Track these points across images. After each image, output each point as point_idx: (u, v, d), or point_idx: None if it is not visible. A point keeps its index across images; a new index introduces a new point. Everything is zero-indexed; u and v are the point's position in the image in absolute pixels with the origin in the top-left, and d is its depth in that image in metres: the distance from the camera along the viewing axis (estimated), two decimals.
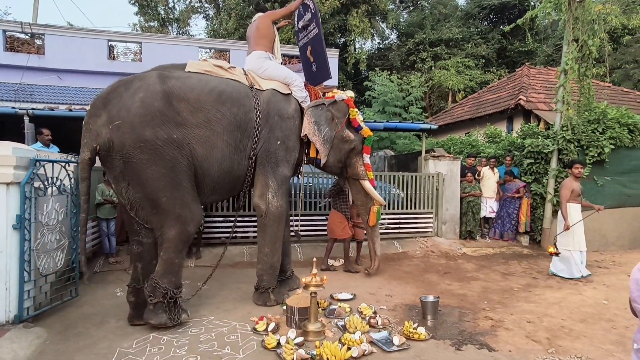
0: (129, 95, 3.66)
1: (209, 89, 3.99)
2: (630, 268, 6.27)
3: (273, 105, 4.41)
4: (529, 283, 5.48)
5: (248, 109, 4.21)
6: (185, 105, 3.81)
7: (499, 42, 20.67)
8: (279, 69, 4.70)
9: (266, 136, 4.34)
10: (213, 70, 4.25)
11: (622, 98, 12.22)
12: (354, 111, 5.00)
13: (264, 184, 4.37)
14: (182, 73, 4.06)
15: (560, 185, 6.09)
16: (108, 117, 3.59)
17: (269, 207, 4.34)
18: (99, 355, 3.22)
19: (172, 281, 3.76)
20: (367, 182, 5.18)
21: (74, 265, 4.40)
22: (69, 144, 7.13)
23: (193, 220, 3.84)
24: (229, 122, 4.04)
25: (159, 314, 3.68)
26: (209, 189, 4.11)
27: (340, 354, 3.12)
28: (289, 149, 4.54)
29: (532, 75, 12.91)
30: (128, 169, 3.60)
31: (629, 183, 7.54)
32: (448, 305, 4.48)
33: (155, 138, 3.59)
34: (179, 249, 3.80)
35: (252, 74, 4.55)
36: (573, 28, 7.26)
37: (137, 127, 3.56)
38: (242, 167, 4.28)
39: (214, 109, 3.95)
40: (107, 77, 12.75)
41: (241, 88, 4.28)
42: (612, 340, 3.66)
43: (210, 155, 3.95)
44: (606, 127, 7.29)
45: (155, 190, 3.64)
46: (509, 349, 3.45)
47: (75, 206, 4.45)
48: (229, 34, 19.98)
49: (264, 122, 4.31)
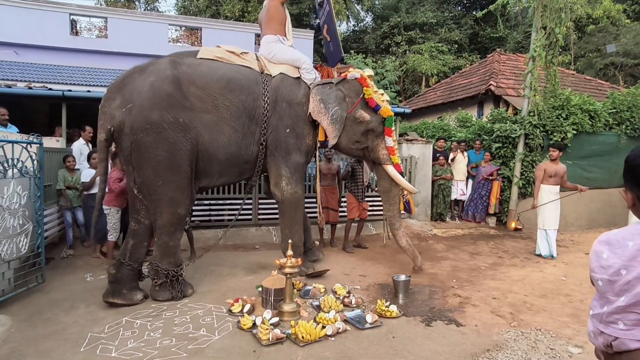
0: (141, 80, 3.83)
1: (218, 76, 4.07)
2: (586, 247, 6.69)
3: (282, 91, 4.39)
4: (495, 262, 5.75)
5: (256, 96, 4.24)
6: (194, 90, 3.93)
7: (471, 27, 20.98)
8: (288, 52, 4.60)
9: (275, 124, 4.36)
10: (225, 56, 4.30)
11: (585, 85, 12.74)
12: (369, 90, 4.63)
13: (277, 174, 4.47)
14: (194, 60, 4.13)
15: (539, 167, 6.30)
16: (122, 101, 3.77)
17: (284, 194, 4.48)
18: (69, 340, 3.15)
19: (171, 262, 3.96)
20: (391, 167, 4.82)
21: (39, 250, 4.24)
22: (29, 124, 6.77)
23: (184, 203, 3.98)
24: (237, 109, 4.13)
25: (164, 292, 3.94)
26: (216, 172, 4.22)
27: (315, 332, 3.19)
28: (299, 136, 4.51)
29: (503, 62, 13.21)
30: (134, 150, 3.77)
31: (588, 167, 7.95)
32: (419, 284, 4.64)
33: (161, 121, 3.73)
34: (171, 232, 3.96)
35: (263, 59, 4.55)
36: (542, 16, 7.45)
37: (146, 109, 3.71)
38: (251, 153, 4.34)
39: (222, 96, 4.05)
40: (70, 53, 12.06)
41: (251, 75, 4.30)
42: (569, 313, 3.92)
43: (217, 140, 4.05)
44: (569, 113, 7.61)
45: (154, 173, 3.78)
46: (475, 324, 3.64)
47: (39, 189, 4.26)
48: (200, 11, 19.28)
49: (272, 109, 4.33)
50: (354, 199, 6.16)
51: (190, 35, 14.36)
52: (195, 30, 14.13)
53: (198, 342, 3.16)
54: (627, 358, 1.15)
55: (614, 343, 1.19)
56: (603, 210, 8.15)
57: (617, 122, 8.01)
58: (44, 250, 4.36)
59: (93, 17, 13.50)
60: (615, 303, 1.16)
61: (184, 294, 4.03)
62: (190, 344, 3.12)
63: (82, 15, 13.30)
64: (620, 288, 1.15)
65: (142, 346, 3.07)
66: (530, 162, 7.75)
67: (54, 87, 7.98)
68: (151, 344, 3.12)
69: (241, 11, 17.91)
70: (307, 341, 3.13)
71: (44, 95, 7.07)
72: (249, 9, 17.84)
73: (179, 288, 3.99)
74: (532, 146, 7.74)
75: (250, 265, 5.26)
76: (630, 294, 1.12)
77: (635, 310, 1.12)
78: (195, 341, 3.17)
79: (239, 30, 13.60)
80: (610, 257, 1.17)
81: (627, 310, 1.14)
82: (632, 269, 1.12)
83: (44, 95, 7.07)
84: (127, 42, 12.43)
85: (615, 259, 1.15)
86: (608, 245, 1.20)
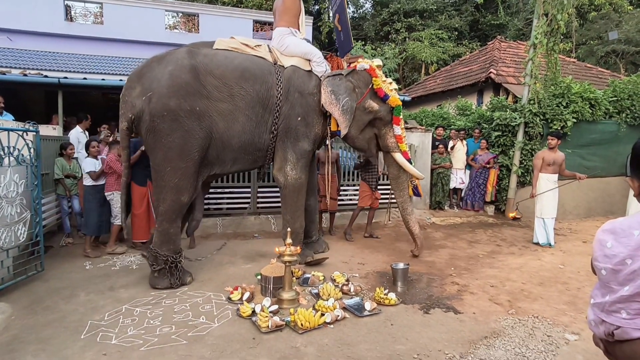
0: (160, 69, 3.98)
1: (233, 66, 4.18)
2: (585, 235, 6.72)
3: (294, 82, 4.48)
4: (493, 250, 5.77)
5: (270, 86, 4.34)
6: (210, 79, 4.04)
7: (471, 14, 20.71)
8: (299, 45, 4.66)
9: (287, 112, 4.46)
10: (240, 47, 4.41)
11: (585, 73, 12.66)
12: (377, 80, 4.69)
13: (283, 158, 4.55)
14: (210, 50, 4.26)
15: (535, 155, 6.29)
16: (142, 89, 3.94)
17: (287, 179, 4.55)
18: (69, 328, 3.17)
19: (171, 248, 4.06)
20: (399, 154, 4.92)
21: (37, 238, 4.23)
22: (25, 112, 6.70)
23: (188, 191, 4.07)
24: (251, 98, 4.24)
25: (163, 279, 4.03)
26: (229, 159, 4.36)
27: (314, 319, 3.21)
28: (309, 124, 4.60)
29: (503, 49, 13.09)
30: (149, 136, 3.95)
31: (587, 155, 7.94)
32: (417, 272, 4.67)
33: (178, 108, 3.87)
34: (172, 219, 4.07)
35: (276, 51, 4.63)
36: (543, 2, 7.34)
37: (164, 97, 3.86)
38: (264, 141, 4.46)
39: (238, 85, 4.16)
40: (65, 40, 11.90)
41: (265, 65, 4.40)
42: (565, 301, 3.95)
43: (231, 128, 4.18)
44: (570, 102, 7.56)
45: (164, 159, 3.93)
46: (473, 311, 3.66)
47: (36, 178, 4.24)
48: None
49: (285, 98, 4.43)
50: (368, 187, 6.19)
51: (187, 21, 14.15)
52: (193, 17, 13.93)
53: (198, 329, 3.18)
54: (629, 346, 1.14)
55: (616, 332, 1.18)
56: (601, 199, 8.16)
57: (618, 110, 7.97)
58: (43, 238, 4.35)
59: (88, 2, 13.27)
60: (619, 292, 1.15)
61: (183, 282, 4.09)
62: (190, 332, 3.14)
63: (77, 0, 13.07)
64: (624, 277, 1.14)
65: (142, 333, 3.09)
66: (529, 150, 7.73)
67: (49, 74, 7.88)
68: (151, 331, 3.14)
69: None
70: (306, 328, 3.15)
71: (39, 82, 6.99)
72: None
73: (177, 275, 4.06)
74: (531, 134, 7.71)
75: (249, 253, 5.27)
76: (635, 283, 1.11)
77: (639, 299, 1.12)
78: (195, 328, 3.19)
79: (237, 17, 13.41)
80: (615, 246, 1.16)
81: (631, 300, 1.13)
82: (637, 259, 1.10)
83: (40, 82, 6.99)
84: (124, 28, 12.24)
85: (621, 248, 1.14)
86: (613, 234, 1.18)
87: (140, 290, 3.97)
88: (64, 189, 5.43)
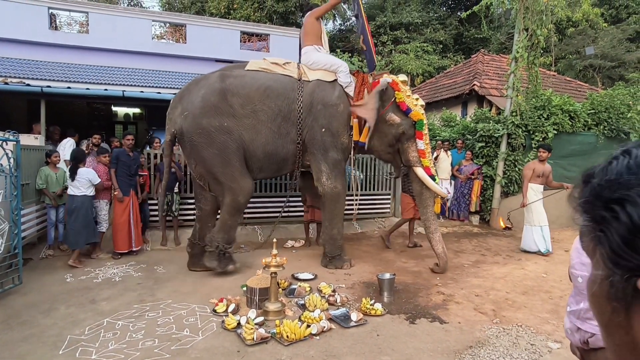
0: (195, 92, 4.67)
1: (257, 85, 4.71)
2: (567, 244, 6.84)
3: (317, 94, 4.84)
4: (478, 259, 5.84)
5: (292, 100, 4.78)
6: (237, 99, 4.62)
7: (456, 28, 21.21)
8: (324, 58, 5.06)
9: (310, 124, 4.83)
10: (269, 67, 4.94)
11: (565, 86, 13.03)
12: (400, 94, 4.88)
13: (318, 169, 4.94)
14: (240, 72, 4.84)
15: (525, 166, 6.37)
16: (181, 109, 4.66)
17: (325, 188, 4.93)
18: (47, 343, 3.07)
19: (224, 237, 4.70)
20: (420, 169, 4.97)
21: (16, 251, 4.12)
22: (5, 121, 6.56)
23: (242, 192, 4.68)
24: (273, 112, 4.71)
25: (212, 260, 4.67)
26: (256, 167, 4.87)
27: (299, 331, 3.18)
28: (334, 134, 4.89)
29: (486, 62, 13.40)
30: (193, 149, 4.65)
31: (569, 166, 8.13)
32: (403, 282, 4.68)
33: (209, 126, 4.52)
34: (231, 213, 4.72)
35: (303, 67, 5.07)
36: (524, 17, 7.58)
37: (197, 117, 4.54)
38: (288, 151, 4.89)
39: (260, 102, 4.67)
40: (49, 48, 11.74)
41: (288, 82, 4.85)
42: (548, 309, 4.01)
43: (256, 140, 4.70)
44: (550, 114, 7.78)
45: (212, 166, 4.60)
46: (458, 320, 3.68)
47: (16, 188, 4.14)
48: (185, 7, 19.00)
49: (307, 111, 4.81)
50: (411, 199, 6.09)
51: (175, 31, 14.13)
52: (180, 27, 13.91)
53: (181, 342, 3.12)
54: (603, 354, 1.17)
55: (590, 340, 1.20)
56: None
57: (596, 122, 8.21)
58: (21, 250, 4.24)
59: (73, 11, 13.15)
60: None
61: (225, 269, 4.66)
62: (173, 345, 3.08)
63: (62, 9, 12.94)
64: None
65: (124, 348, 3.02)
66: (512, 161, 7.89)
67: (32, 82, 7.75)
68: (133, 345, 3.06)
69: (227, 8, 17.73)
70: (291, 340, 3.12)
71: (21, 91, 6.87)
72: (234, 5, 17.67)
73: (223, 262, 4.68)
74: (514, 145, 7.88)
75: None
76: None
77: None
78: (179, 342, 3.13)
79: (225, 28, 13.44)
80: None
81: None
82: None
83: (22, 91, 6.88)
84: (110, 38, 12.14)
85: None
86: None
87: (122, 303, 3.88)
88: (50, 198, 5.33)
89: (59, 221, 5.49)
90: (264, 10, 17.62)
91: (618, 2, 18.46)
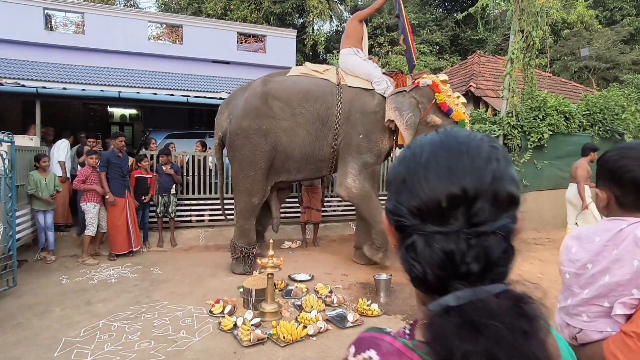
0: (240, 97, 4.97)
1: (297, 90, 4.88)
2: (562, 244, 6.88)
3: (355, 103, 4.91)
4: None
5: (329, 105, 4.87)
6: (277, 102, 4.80)
7: (452, 29, 21.30)
8: (360, 66, 5.08)
9: (347, 131, 4.90)
10: (310, 72, 5.13)
11: (560, 88, 13.11)
12: (440, 95, 4.84)
13: (344, 172, 4.96)
14: (282, 77, 5.06)
15: (577, 166, 6.12)
16: (227, 113, 5.00)
17: (351, 190, 4.91)
18: (42, 346, 3.06)
19: (246, 241, 4.90)
20: None
21: (10, 253, 4.09)
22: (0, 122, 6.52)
23: (258, 194, 4.87)
24: (311, 116, 4.83)
25: (239, 266, 4.89)
26: (294, 168, 5.01)
27: (296, 332, 3.18)
28: (371, 140, 4.94)
29: (482, 63, 13.46)
30: (230, 151, 4.92)
31: (564, 167, 8.16)
32: (400, 283, 4.68)
33: (249, 127, 4.74)
34: (246, 217, 4.91)
35: (342, 72, 5.15)
36: (519, 19, 7.62)
37: (239, 119, 4.80)
38: (325, 153, 4.97)
39: (299, 106, 4.82)
40: (44, 49, 11.68)
41: (327, 86, 4.95)
42: None
43: (293, 142, 4.84)
44: (546, 115, 7.82)
45: (239, 168, 4.82)
46: None
47: (10, 189, 4.12)
48: (182, 8, 18.99)
49: (345, 118, 4.89)
50: None
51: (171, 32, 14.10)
52: (177, 28, 13.89)
53: (177, 344, 3.11)
54: (590, 349, 1.19)
55: (578, 335, 1.23)
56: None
57: (591, 123, 8.27)
58: (16, 252, 4.22)
59: (69, 12, 13.10)
60: (579, 295, 1.21)
61: (253, 270, 4.76)
62: (169, 347, 3.07)
63: (57, 10, 12.89)
64: (585, 281, 1.19)
65: (120, 349, 3.01)
66: None
67: (27, 83, 7.71)
68: (129, 347, 3.05)
69: (223, 9, 17.71)
70: (288, 341, 3.12)
71: (16, 92, 6.83)
72: (231, 7, 17.66)
73: (249, 264, 4.84)
74: (510, 146, 7.91)
75: None
76: (593, 286, 1.17)
77: (597, 302, 1.16)
78: (175, 343, 3.12)
79: (221, 29, 13.42)
80: (579, 252, 1.22)
81: (590, 303, 1.19)
82: (597, 263, 1.16)
83: (17, 92, 6.83)
84: (106, 38, 12.09)
85: (583, 253, 1.20)
86: (578, 240, 1.25)
87: (118, 305, 3.87)
88: (41, 203, 5.14)
89: (48, 228, 5.27)
90: (260, 11, 17.62)
91: (612, 5, 18.61)
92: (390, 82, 5.07)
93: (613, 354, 1.06)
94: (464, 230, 0.48)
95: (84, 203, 5.26)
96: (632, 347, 1.02)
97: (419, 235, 0.50)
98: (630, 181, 1.16)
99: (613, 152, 1.26)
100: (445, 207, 0.49)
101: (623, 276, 1.09)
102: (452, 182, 0.49)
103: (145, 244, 5.96)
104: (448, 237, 0.48)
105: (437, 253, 0.49)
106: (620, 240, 1.13)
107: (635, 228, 1.11)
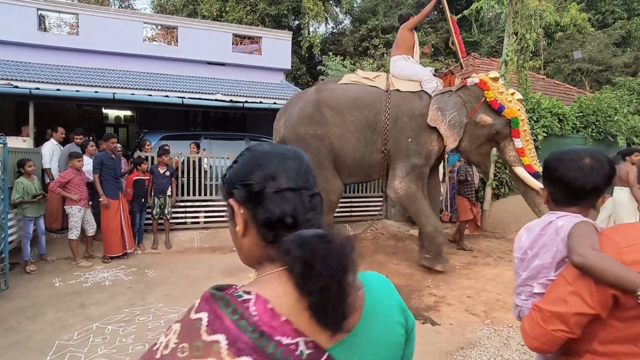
0: (296, 104, 5.25)
1: (347, 97, 5.03)
2: None
3: (403, 107, 4.96)
4: (470, 261, 5.87)
5: (378, 111, 4.97)
6: (329, 110, 5.00)
7: (447, 31, 21.39)
8: (409, 67, 5.17)
9: (396, 135, 4.96)
10: (360, 80, 5.27)
11: (554, 90, 13.22)
12: (490, 93, 4.65)
13: (392, 175, 5.05)
14: (334, 85, 5.25)
15: (627, 170, 5.99)
16: (284, 120, 5.31)
17: (398, 192, 4.98)
18: (34, 349, 3.02)
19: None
20: (520, 168, 4.65)
21: (2, 255, 4.05)
22: None
23: (334, 192, 5.11)
24: (360, 122, 4.97)
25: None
26: (346, 172, 5.21)
27: None
28: (420, 143, 4.95)
29: (477, 65, 13.54)
30: None
31: None
32: (396, 284, 4.64)
33: (305, 133, 5.01)
34: (326, 212, 4.80)
35: (392, 78, 5.23)
36: (513, 22, 7.69)
37: (295, 125, 5.08)
38: (375, 159, 5.10)
39: (349, 113, 4.97)
40: (37, 50, 11.61)
41: (376, 93, 5.06)
42: None
43: (344, 148, 5.01)
44: (540, 116, 7.88)
45: None
46: (450, 322, 3.70)
47: (2, 191, 4.08)
48: (177, 10, 18.95)
49: (393, 123, 4.96)
50: (468, 201, 6.35)
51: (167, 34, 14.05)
52: (172, 29, 13.84)
53: None
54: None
55: (519, 313, 1.41)
56: None
57: (584, 125, 8.34)
58: (8, 255, 4.17)
59: (63, 13, 13.03)
60: (521, 277, 1.40)
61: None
62: None
63: (51, 10, 12.81)
64: (525, 264, 1.39)
65: (114, 353, 2.98)
66: (503, 163, 7.95)
67: (20, 84, 7.65)
68: (123, 350, 3.03)
69: (219, 11, 17.69)
70: None
71: (9, 93, 6.78)
72: (226, 8, 17.64)
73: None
74: None
75: (227, 267, 5.19)
76: (529, 268, 1.36)
77: (531, 283, 1.36)
78: None
79: (216, 30, 13.40)
80: (524, 240, 1.42)
81: (526, 283, 1.38)
82: (532, 249, 1.37)
83: (9, 93, 6.78)
84: (100, 39, 12.03)
85: (527, 241, 1.40)
86: (527, 230, 1.44)
87: (112, 307, 3.84)
88: (32, 210, 4.90)
89: (40, 233, 5.14)
90: (256, 13, 17.63)
91: (604, 8, 18.81)
92: (440, 82, 5.11)
93: (524, 325, 1.27)
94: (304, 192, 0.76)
95: (69, 206, 5.13)
96: (533, 317, 1.21)
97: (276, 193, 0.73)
98: (558, 180, 1.39)
99: (551, 155, 1.49)
100: (293, 176, 0.76)
101: (547, 260, 1.30)
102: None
103: (139, 246, 5.92)
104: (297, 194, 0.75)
105: (290, 205, 0.73)
106: (548, 230, 1.34)
107: (559, 220, 1.32)
